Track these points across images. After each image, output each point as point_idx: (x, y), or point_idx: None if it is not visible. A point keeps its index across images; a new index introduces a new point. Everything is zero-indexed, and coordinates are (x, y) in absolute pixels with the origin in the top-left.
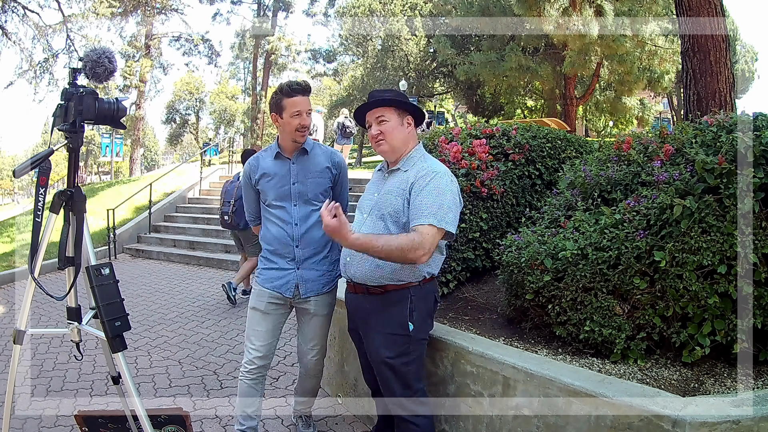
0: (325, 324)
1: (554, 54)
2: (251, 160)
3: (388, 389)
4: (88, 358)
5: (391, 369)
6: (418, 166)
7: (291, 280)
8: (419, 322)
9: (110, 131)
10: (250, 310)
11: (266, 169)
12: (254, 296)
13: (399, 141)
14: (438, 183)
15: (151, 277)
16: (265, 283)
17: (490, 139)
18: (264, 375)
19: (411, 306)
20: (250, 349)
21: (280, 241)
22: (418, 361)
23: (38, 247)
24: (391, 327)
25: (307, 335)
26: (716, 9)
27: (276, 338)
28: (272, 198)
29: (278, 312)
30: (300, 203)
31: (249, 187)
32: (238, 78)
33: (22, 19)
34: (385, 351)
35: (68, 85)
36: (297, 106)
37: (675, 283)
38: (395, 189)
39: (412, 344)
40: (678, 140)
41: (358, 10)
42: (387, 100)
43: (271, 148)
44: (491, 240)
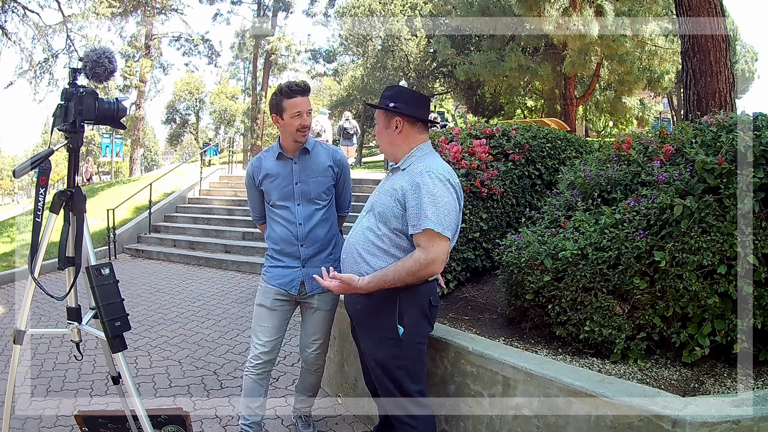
0: (328, 319)
1: (554, 54)
2: (254, 161)
3: (383, 389)
4: (88, 358)
5: (383, 370)
6: (413, 167)
7: (297, 277)
8: (411, 325)
9: (110, 131)
10: (257, 307)
11: (269, 170)
12: (260, 293)
13: (386, 143)
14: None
15: (151, 277)
16: (272, 281)
17: (490, 139)
18: (269, 371)
19: (400, 308)
20: (257, 344)
21: (286, 240)
22: (413, 363)
23: (38, 247)
24: (380, 330)
25: (309, 329)
26: (716, 9)
27: (282, 334)
28: (276, 198)
29: (284, 308)
30: (303, 203)
31: (252, 187)
32: (238, 78)
33: (22, 19)
34: (377, 353)
35: (68, 85)
36: (297, 107)
37: (675, 283)
38: (389, 188)
39: (404, 347)
40: (678, 140)
41: (358, 10)
42: (371, 104)
43: (273, 148)
44: (491, 240)
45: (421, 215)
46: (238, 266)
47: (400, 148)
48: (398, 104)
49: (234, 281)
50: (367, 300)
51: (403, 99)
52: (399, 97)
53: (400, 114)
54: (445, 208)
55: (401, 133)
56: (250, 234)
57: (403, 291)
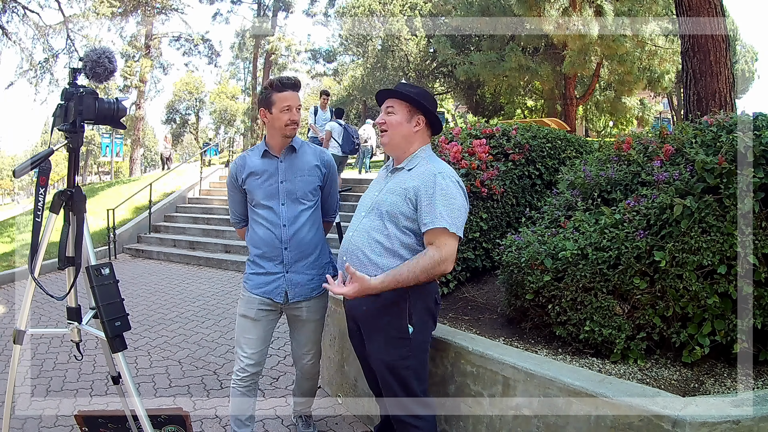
0: (318, 329)
1: (554, 54)
2: (237, 160)
3: (389, 391)
4: (88, 358)
5: (392, 372)
6: (422, 168)
7: (280, 284)
8: (419, 324)
9: (110, 131)
10: (240, 318)
11: (254, 168)
12: (243, 303)
13: (400, 137)
14: (446, 186)
15: (151, 277)
16: (254, 289)
17: (490, 139)
18: (256, 381)
19: (409, 308)
20: (242, 357)
21: (268, 243)
22: (419, 364)
23: (38, 247)
24: (390, 330)
25: (301, 341)
26: (716, 9)
27: (267, 344)
28: (260, 197)
29: (268, 318)
30: (288, 202)
31: (235, 188)
32: (238, 78)
33: (23, 19)
34: (385, 354)
35: (68, 85)
36: (287, 101)
37: (675, 283)
38: (397, 188)
39: (413, 347)
40: (678, 140)
41: (358, 10)
42: (402, 93)
43: (258, 147)
44: (491, 240)
45: (436, 214)
46: (238, 266)
47: (412, 146)
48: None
49: (234, 281)
50: (374, 301)
51: (429, 101)
52: (425, 98)
53: (426, 113)
54: (458, 210)
55: (419, 132)
56: None
57: (412, 290)
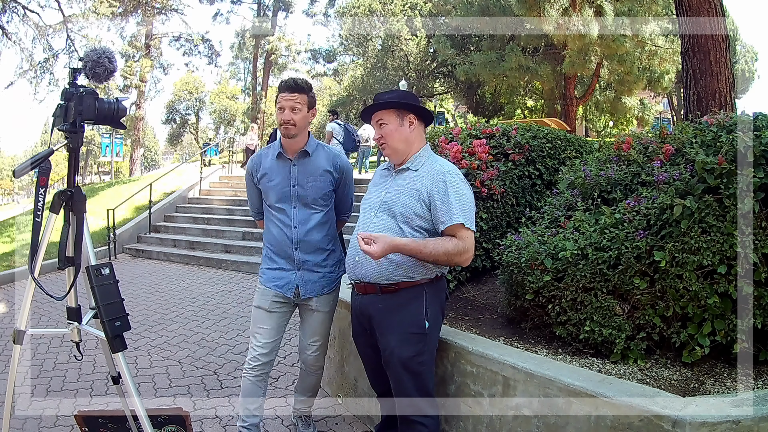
0: (327, 320)
1: (554, 54)
2: (254, 158)
3: (401, 390)
4: (88, 358)
5: (407, 369)
6: (430, 167)
7: (292, 281)
8: (433, 319)
9: (110, 131)
10: (255, 309)
11: (267, 169)
12: (258, 295)
13: (400, 142)
14: (456, 184)
15: (151, 277)
16: (268, 283)
17: (490, 139)
18: (267, 372)
19: (426, 303)
20: (255, 345)
21: (280, 242)
22: (431, 360)
23: (38, 247)
24: (408, 326)
25: (308, 330)
26: (716, 9)
27: (280, 335)
28: (273, 200)
29: (282, 310)
30: (299, 206)
31: (251, 184)
32: (238, 78)
33: (23, 19)
34: (402, 351)
35: (68, 85)
36: (281, 102)
37: (675, 283)
38: (407, 189)
39: (428, 343)
40: (678, 140)
41: (358, 10)
42: (383, 102)
43: (274, 146)
44: (491, 240)
45: (453, 212)
46: (238, 266)
47: (414, 146)
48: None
49: (234, 281)
50: (390, 298)
51: (410, 98)
52: (405, 97)
53: (412, 110)
54: (470, 205)
55: (415, 130)
56: (250, 234)
57: (429, 285)
